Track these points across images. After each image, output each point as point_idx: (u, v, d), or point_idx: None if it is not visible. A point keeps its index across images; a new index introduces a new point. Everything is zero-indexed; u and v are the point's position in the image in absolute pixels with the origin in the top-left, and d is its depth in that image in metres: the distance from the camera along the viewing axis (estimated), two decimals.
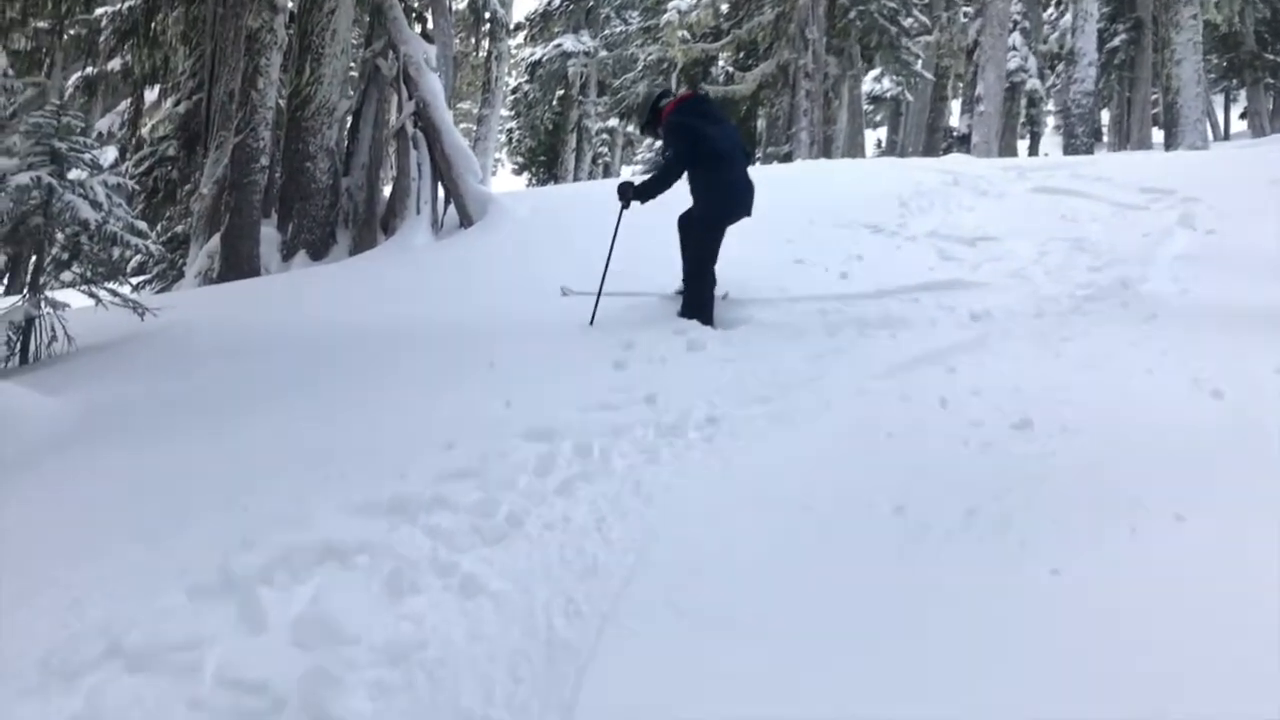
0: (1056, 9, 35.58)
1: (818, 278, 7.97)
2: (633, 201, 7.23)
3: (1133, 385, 5.04)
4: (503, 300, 8.24)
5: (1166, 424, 4.46)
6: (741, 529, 3.89)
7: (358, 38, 17.31)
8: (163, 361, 7.55)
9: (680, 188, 7.24)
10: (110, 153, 18.82)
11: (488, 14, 27.83)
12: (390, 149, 14.97)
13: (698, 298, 7.16)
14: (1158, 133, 27.06)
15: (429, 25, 17.19)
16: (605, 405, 5.32)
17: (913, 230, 9.36)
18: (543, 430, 4.91)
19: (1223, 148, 22.17)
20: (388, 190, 15.09)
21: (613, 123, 41.37)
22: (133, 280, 13.14)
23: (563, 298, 7.96)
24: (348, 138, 15.21)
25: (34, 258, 8.90)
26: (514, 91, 41.27)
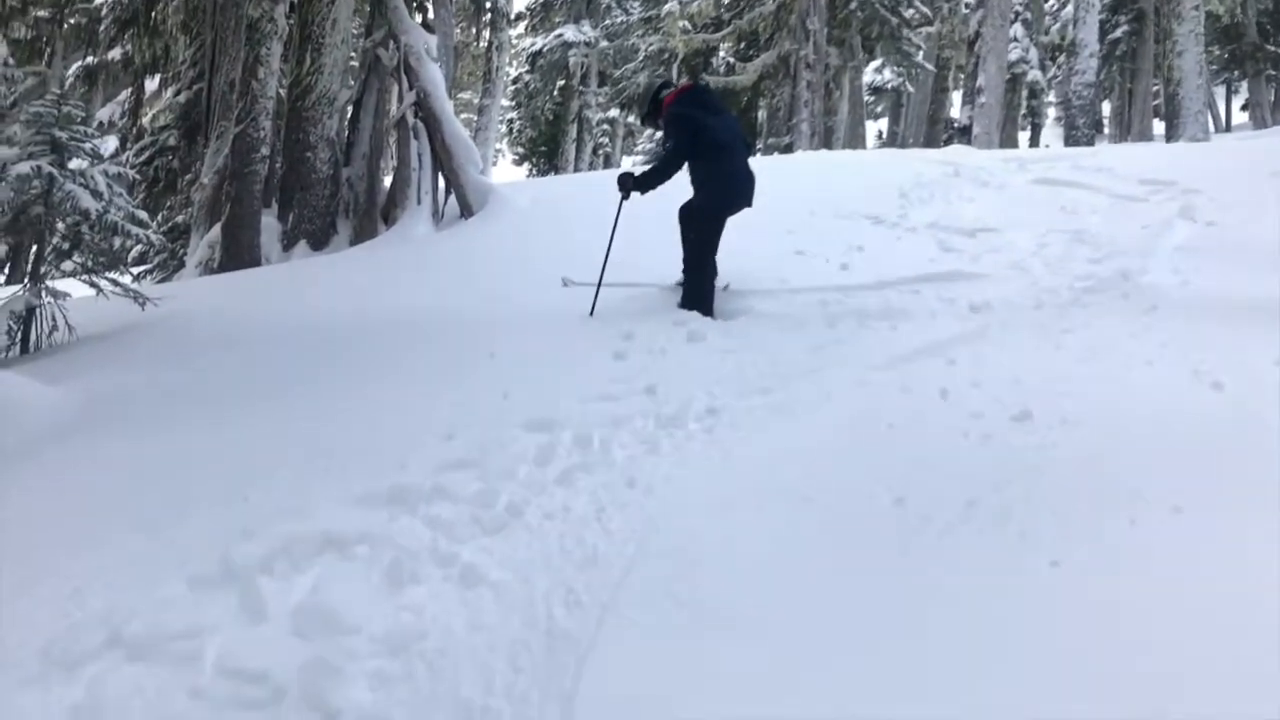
0: (1058, 0, 35.55)
1: (818, 269, 7.96)
2: (632, 192, 7.23)
3: (1133, 377, 5.03)
4: (503, 290, 8.23)
5: (1166, 416, 4.46)
6: (741, 520, 3.89)
7: (358, 27, 17.27)
8: (163, 351, 7.56)
9: (681, 178, 7.23)
10: (111, 142, 18.79)
11: (488, 4, 27.86)
12: (391, 139, 14.97)
13: (698, 289, 7.16)
14: (1159, 124, 27.03)
15: (429, 15, 17.17)
16: (605, 396, 5.33)
17: (913, 221, 9.36)
18: (543, 421, 4.91)
19: (1224, 139, 22.14)
20: (388, 180, 15.08)
21: (614, 113, 41.26)
22: (134, 270, 13.10)
23: (563, 288, 7.96)
24: (348, 128, 15.20)
25: (35, 247, 8.90)
26: (515, 82, 41.23)
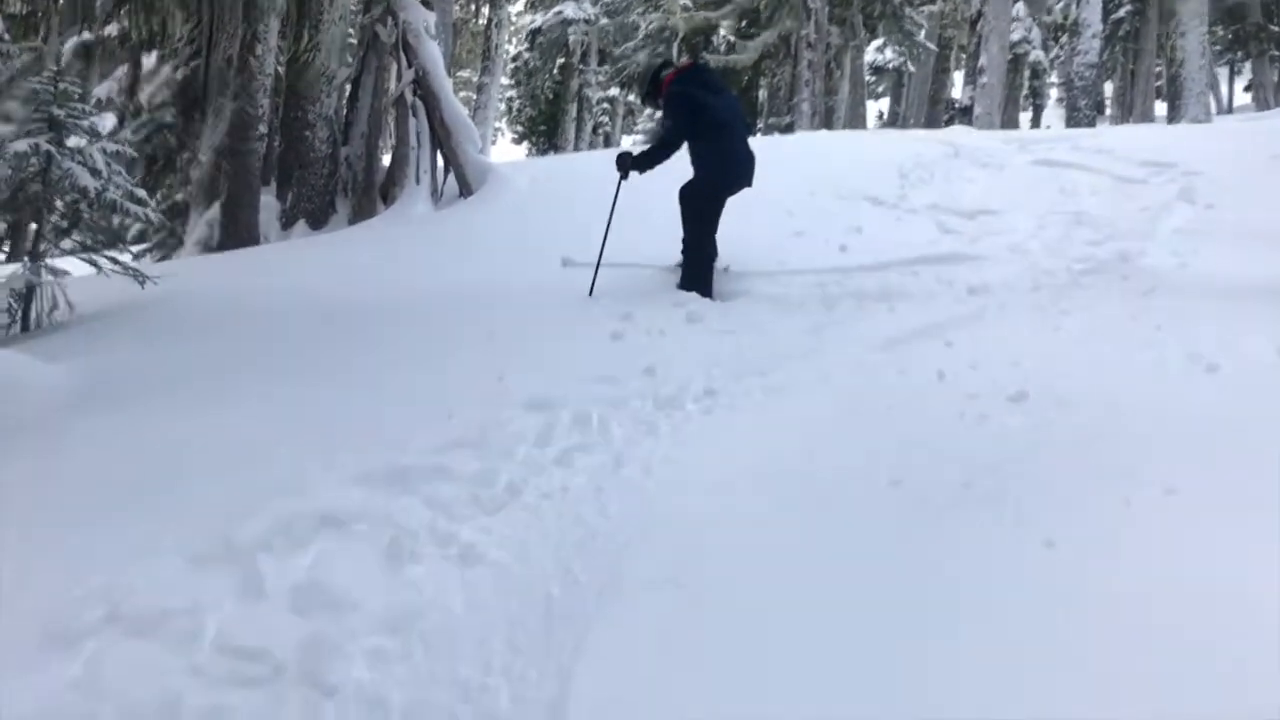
0: None
1: (817, 250, 7.97)
2: (631, 171, 7.23)
3: (1130, 359, 5.04)
4: (502, 270, 8.24)
5: (1163, 398, 4.47)
6: (739, 501, 3.90)
7: (356, 4, 17.16)
8: (163, 329, 7.55)
9: (681, 158, 7.23)
10: (109, 119, 18.68)
11: None
12: (389, 117, 14.91)
13: (697, 269, 7.16)
14: (1161, 105, 26.96)
15: None
16: (604, 377, 5.33)
17: (913, 203, 9.35)
18: (541, 401, 4.92)
19: (1226, 121, 22.08)
20: (387, 159, 15.05)
21: (613, 92, 41.13)
22: (133, 248, 13.11)
23: (563, 268, 7.95)
24: (347, 106, 15.15)
25: (34, 225, 8.88)
26: (514, 60, 41.03)
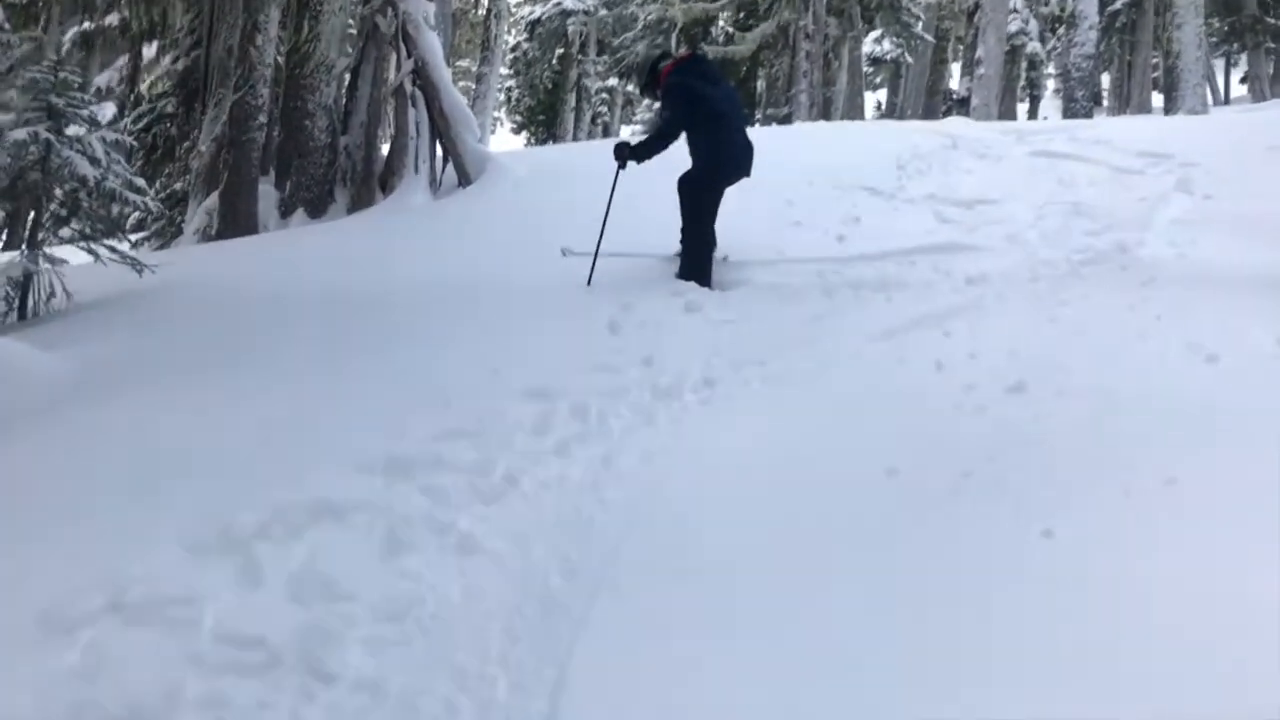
0: None
1: (815, 240, 7.95)
2: (629, 162, 7.22)
3: (1128, 349, 5.05)
4: (500, 260, 8.22)
5: (1161, 389, 4.48)
6: (736, 490, 3.92)
7: None
8: (161, 318, 7.55)
9: (680, 148, 7.22)
10: (109, 109, 18.66)
11: None
12: (388, 107, 14.88)
13: (696, 259, 7.15)
14: (1158, 97, 26.91)
15: None
16: (602, 366, 5.34)
17: (911, 193, 9.34)
18: (539, 390, 4.93)
19: (1223, 112, 22.05)
20: (386, 149, 15.02)
21: (612, 82, 41.01)
22: (132, 237, 13.07)
23: (562, 258, 7.94)
24: (346, 95, 15.11)
25: (32, 213, 8.87)
26: (513, 50, 40.90)
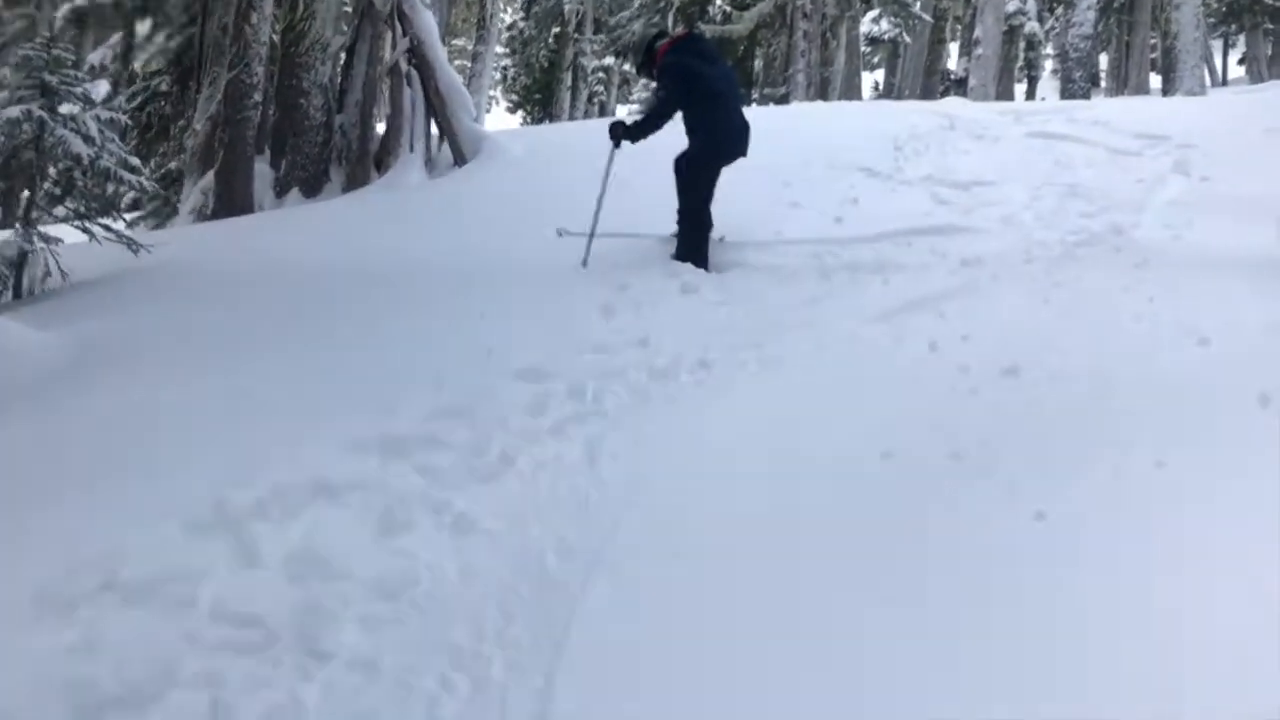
0: None
1: (812, 221, 7.95)
2: (624, 141, 7.21)
3: (1121, 332, 5.06)
4: (495, 239, 8.21)
5: (1153, 371, 4.50)
6: (732, 471, 3.93)
7: None
8: (156, 298, 7.54)
9: (676, 128, 7.20)
10: (102, 87, 18.54)
11: None
12: (384, 86, 14.82)
13: (692, 240, 7.14)
14: (1155, 78, 26.86)
15: None
16: (598, 347, 5.35)
17: (907, 174, 9.34)
18: (535, 371, 4.94)
19: (1220, 93, 22.04)
20: (381, 128, 14.97)
21: (609, 61, 40.85)
22: (127, 216, 13.02)
23: (557, 238, 7.94)
24: (341, 74, 15.04)
25: (26, 192, 8.84)
26: (509, 28, 40.69)
